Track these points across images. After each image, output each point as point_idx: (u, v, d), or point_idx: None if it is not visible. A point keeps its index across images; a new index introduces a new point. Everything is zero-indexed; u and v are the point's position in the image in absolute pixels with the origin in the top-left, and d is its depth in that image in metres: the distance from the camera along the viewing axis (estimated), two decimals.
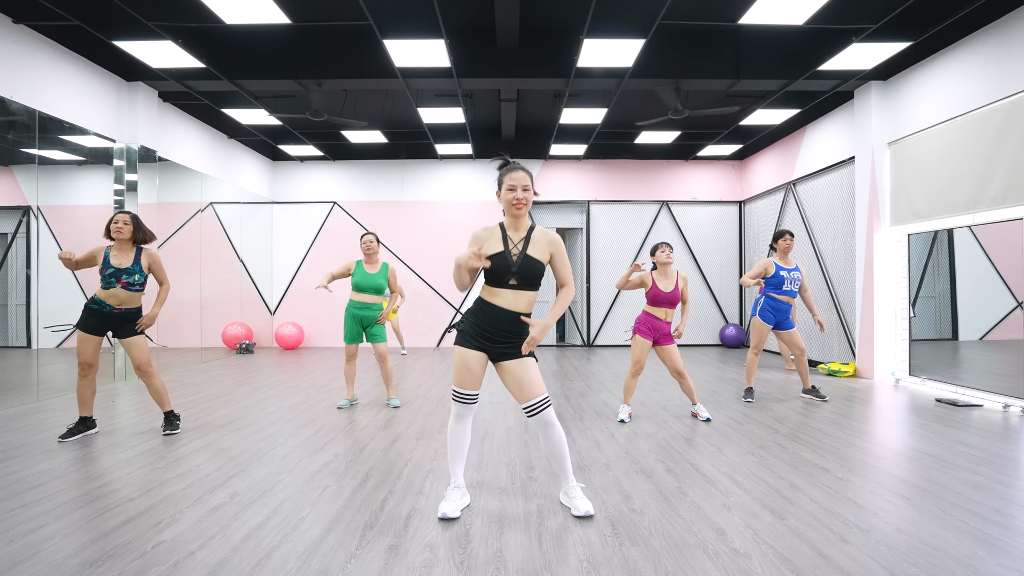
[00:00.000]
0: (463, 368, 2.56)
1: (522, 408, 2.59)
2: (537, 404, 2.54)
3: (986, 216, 5.32)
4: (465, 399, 2.60)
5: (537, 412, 2.55)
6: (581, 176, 10.45)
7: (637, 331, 4.54)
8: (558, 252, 2.61)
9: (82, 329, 3.92)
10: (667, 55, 6.25)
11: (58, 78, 5.68)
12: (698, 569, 2.13)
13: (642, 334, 4.51)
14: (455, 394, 2.61)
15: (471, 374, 2.56)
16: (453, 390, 2.62)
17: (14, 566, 2.14)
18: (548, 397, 2.59)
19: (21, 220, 6.10)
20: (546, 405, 2.56)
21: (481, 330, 2.55)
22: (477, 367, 2.56)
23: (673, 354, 4.50)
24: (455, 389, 2.61)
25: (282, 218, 10.48)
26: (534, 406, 2.54)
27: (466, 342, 2.56)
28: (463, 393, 2.59)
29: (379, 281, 4.94)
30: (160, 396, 4.12)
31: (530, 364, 2.56)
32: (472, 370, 2.55)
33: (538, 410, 2.55)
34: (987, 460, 3.46)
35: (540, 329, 2.49)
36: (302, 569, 2.12)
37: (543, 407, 2.55)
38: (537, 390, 2.54)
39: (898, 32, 5.48)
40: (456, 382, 2.60)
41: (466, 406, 2.61)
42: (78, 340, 3.92)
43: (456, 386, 2.60)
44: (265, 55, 6.22)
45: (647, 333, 4.51)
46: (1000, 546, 2.31)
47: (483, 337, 2.55)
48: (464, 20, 5.93)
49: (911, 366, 6.28)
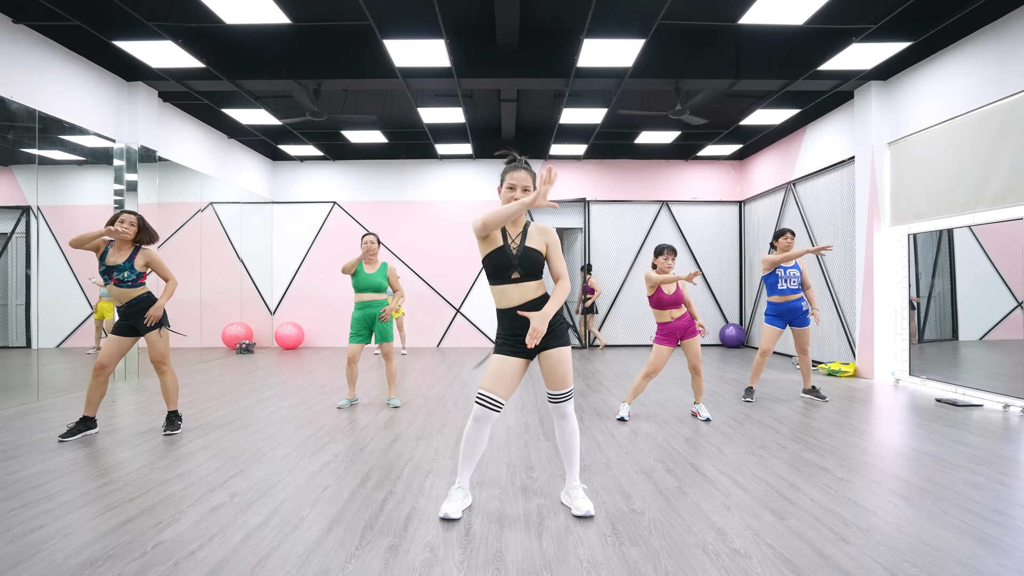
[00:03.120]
0: (497, 374, 2.55)
1: (549, 394, 2.65)
2: (564, 394, 2.62)
3: (986, 216, 5.32)
4: (489, 404, 2.55)
5: (560, 402, 2.63)
6: (581, 176, 10.45)
7: (658, 341, 4.56)
8: (552, 243, 2.62)
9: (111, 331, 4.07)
10: (667, 55, 6.26)
11: (58, 78, 5.68)
12: (698, 569, 2.13)
13: (663, 343, 4.53)
14: (479, 397, 2.56)
15: (503, 379, 2.55)
16: (479, 393, 2.57)
17: (14, 566, 2.14)
18: (572, 390, 2.66)
19: (20, 220, 6.10)
20: (569, 397, 2.63)
21: (512, 334, 2.57)
22: (511, 375, 2.56)
23: (696, 348, 4.54)
24: (481, 392, 2.56)
25: (282, 218, 10.48)
26: (560, 395, 2.62)
27: (504, 350, 2.59)
28: (489, 398, 2.54)
29: (378, 281, 4.95)
30: (170, 394, 4.15)
31: (566, 356, 2.60)
32: (506, 375, 2.55)
33: (562, 400, 2.63)
34: (987, 460, 3.46)
35: (540, 320, 2.48)
36: (302, 569, 2.12)
37: (566, 399, 2.63)
38: (567, 381, 2.61)
39: (898, 32, 5.48)
40: (486, 386, 2.56)
41: (488, 411, 2.56)
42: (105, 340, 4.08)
43: (484, 389, 2.56)
44: (265, 55, 6.22)
45: (667, 340, 4.53)
46: (1000, 546, 2.31)
47: (517, 341, 2.56)
48: (464, 20, 5.93)
49: (911, 365, 6.28)
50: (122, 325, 4.05)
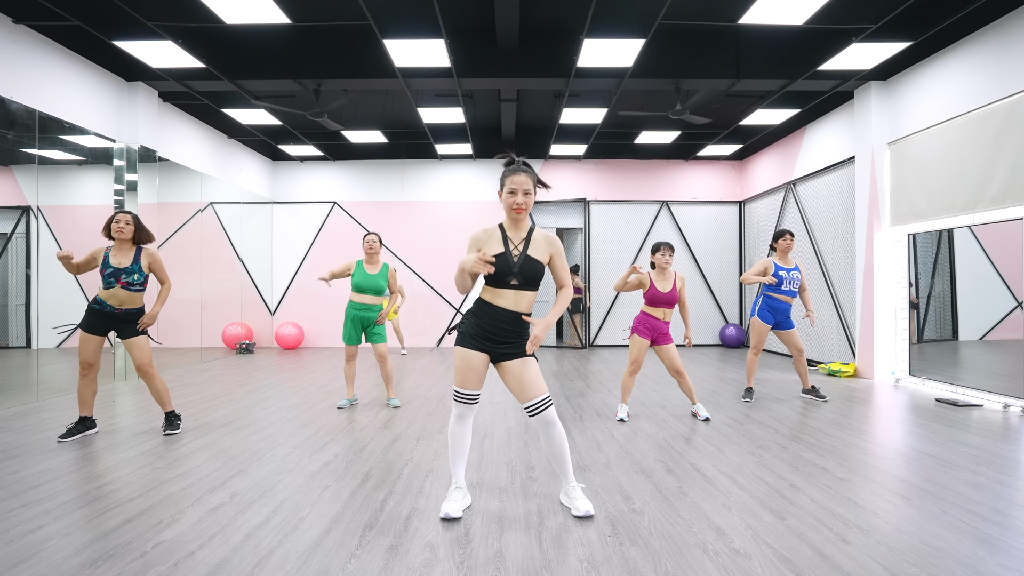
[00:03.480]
0: (465, 368, 2.55)
1: (523, 408, 2.60)
2: (539, 403, 2.54)
3: (986, 216, 5.32)
4: (467, 399, 2.60)
5: (539, 411, 2.55)
6: (581, 176, 10.45)
7: (635, 330, 4.54)
8: (557, 254, 2.62)
9: (84, 329, 3.91)
10: (667, 55, 6.25)
11: (58, 78, 5.68)
12: (698, 569, 2.13)
13: (640, 333, 4.52)
14: (456, 394, 2.61)
15: (473, 373, 2.56)
16: (455, 391, 2.61)
17: (14, 566, 2.14)
18: (549, 396, 2.59)
19: (20, 220, 6.10)
20: (547, 404, 2.56)
21: (483, 331, 2.55)
22: (479, 367, 2.56)
23: (672, 353, 4.51)
24: (456, 390, 2.60)
25: (282, 218, 10.48)
26: (535, 405, 2.54)
27: (468, 343, 2.56)
28: (465, 393, 2.59)
29: (379, 282, 4.94)
30: (161, 397, 4.12)
31: (531, 364, 2.56)
32: (474, 370, 2.55)
33: (540, 409, 2.55)
34: (987, 460, 3.46)
35: (542, 328, 2.49)
36: (302, 569, 2.12)
37: (544, 406, 2.55)
38: (538, 389, 2.54)
39: (898, 32, 5.48)
40: (458, 382, 2.59)
41: (467, 406, 2.61)
42: (80, 340, 3.91)
43: (458, 386, 2.59)
44: (265, 55, 6.22)
45: (645, 332, 4.51)
46: (1000, 546, 2.31)
47: (485, 338, 2.55)
48: (464, 20, 5.92)
49: (910, 365, 6.28)
50: (97, 325, 3.91)
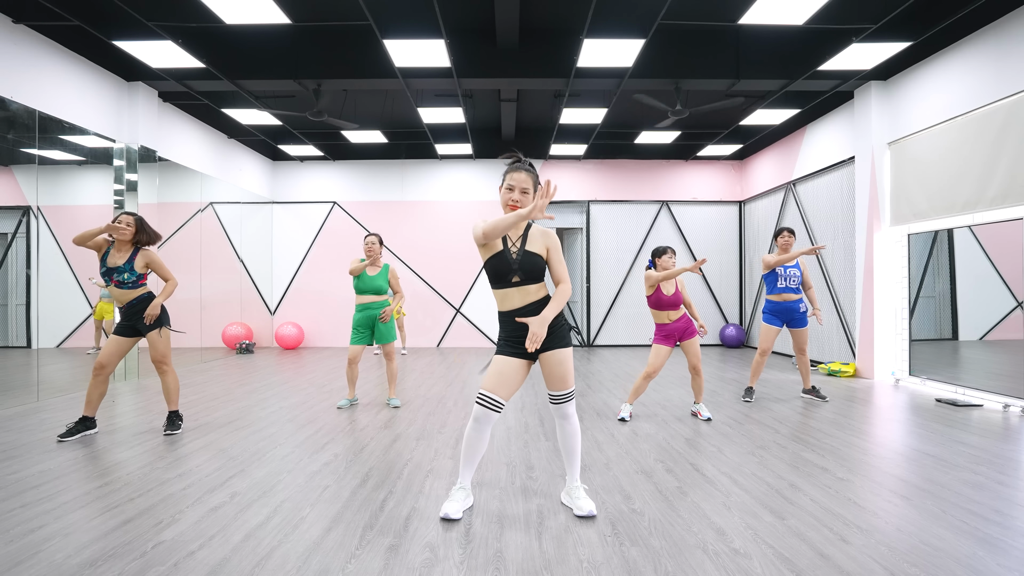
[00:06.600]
0: (498, 374, 2.56)
1: (550, 395, 2.66)
2: (565, 395, 2.63)
3: (986, 216, 5.32)
4: (489, 404, 2.55)
5: (562, 402, 2.64)
6: (581, 176, 10.45)
7: (657, 341, 4.56)
8: (554, 248, 2.63)
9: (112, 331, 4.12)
10: (667, 55, 6.26)
11: (58, 78, 5.68)
12: (698, 569, 2.13)
13: (662, 343, 4.53)
14: (480, 397, 2.56)
15: (504, 380, 2.56)
16: (480, 393, 2.57)
17: (14, 566, 2.14)
18: (573, 391, 2.67)
19: (21, 220, 6.09)
20: (570, 398, 2.65)
21: (514, 337, 2.58)
22: (513, 376, 2.57)
23: (695, 348, 4.54)
24: (482, 392, 2.56)
25: (282, 218, 10.48)
26: (560, 397, 2.63)
27: (504, 350, 2.61)
28: (489, 397, 2.54)
29: (379, 283, 4.96)
30: (171, 393, 4.16)
31: (567, 357, 2.61)
32: (506, 377, 2.56)
33: (563, 401, 2.64)
34: (987, 460, 3.46)
35: (539, 323, 2.49)
36: (302, 569, 2.12)
37: (566, 399, 2.64)
38: (568, 382, 2.62)
39: (898, 32, 5.48)
40: (486, 386, 2.56)
41: (488, 411, 2.55)
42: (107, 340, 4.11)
43: (485, 389, 2.56)
44: (265, 55, 6.22)
45: (666, 341, 4.53)
46: (1000, 546, 2.31)
47: (518, 342, 2.58)
48: (464, 20, 5.92)
49: (911, 365, 6.28)
50: (123, 326, 4.07)
